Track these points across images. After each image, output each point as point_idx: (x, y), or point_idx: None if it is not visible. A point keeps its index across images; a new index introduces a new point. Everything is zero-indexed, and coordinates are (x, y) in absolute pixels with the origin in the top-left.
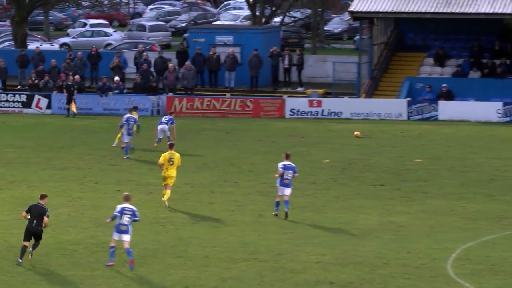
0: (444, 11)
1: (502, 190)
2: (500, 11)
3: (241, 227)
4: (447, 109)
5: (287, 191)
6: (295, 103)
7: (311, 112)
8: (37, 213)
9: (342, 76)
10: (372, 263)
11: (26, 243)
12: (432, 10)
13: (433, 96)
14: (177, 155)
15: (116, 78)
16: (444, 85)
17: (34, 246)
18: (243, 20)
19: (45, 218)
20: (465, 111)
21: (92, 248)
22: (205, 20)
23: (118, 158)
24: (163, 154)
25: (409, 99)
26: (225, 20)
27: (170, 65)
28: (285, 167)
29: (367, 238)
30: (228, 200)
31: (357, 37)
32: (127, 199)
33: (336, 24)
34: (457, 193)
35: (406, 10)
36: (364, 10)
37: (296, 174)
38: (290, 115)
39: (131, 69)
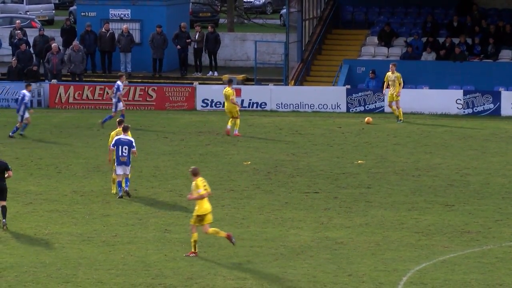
0: None
1: (462, 198)
2: None
3: (142, 245)
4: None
5: (120, 170)
6: (208, 92)
7: None
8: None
9: (266, 59)
10: None
11: (2, 202)
12: None
13: (378, 83)
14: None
15: None
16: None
17: (4, 212)
18: None
19: (10, 172)
20: (418, 101)
21: None
22: None
23: None
24: (111, 134)
25: (348, 86)
26: None
27: (54, 45)
28: (119, 142)
29: (298, 258)
30: (126, 211)
31: (284, 11)
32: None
33: None
34: (407, 202)
35: None
36: None
37: (133, 149)
38: (202, 106)
39: (5, 51)
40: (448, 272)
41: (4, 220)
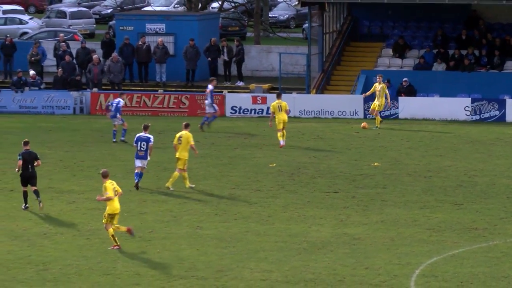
0: None
1: (470, 197)
2: None
3: (176, 241)
4: (408, 106)
5: (138, 163)
6: (237, 100)
7: (254, 109)
8: (30, 158)
9: (289, 69)
10: (325, 281)
11: (25, 189)
12: None
13: (392, 91)
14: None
15: (32, 72)
16: (404, 79)
17: (37, 194)
18: (176, 6)
19: (39, 161)
20: (429, 109)
21: (7, 265)
22: (134, 5)
23: None
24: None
25: (365, 95)
26: (156, 5)
27: (95, 56)
28: (139, 139)
29: (319, 253)
30: (161, 209)
31: (306, 25)
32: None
33: (282, 10)
34: (420, 201)
35: None
36: None
37: (151, 144)
38: (231, 113)
39: (50, 61)
40: (457, 265)
41: (39, 198)
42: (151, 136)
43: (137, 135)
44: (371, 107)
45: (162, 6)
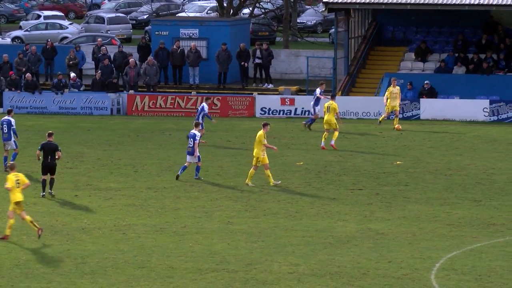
0: (426, 2)
1: (488, 194)
2: (486, 2)
3: (208, 235)
4: (429, 107)
5: (188, 158)
6: (266, 101)
7: (283, 110)
8: (50, 149)
9: (316, 72)
10: (350, 273)
11: (45, 177)
12: (413, 1)
13: (414, 93)
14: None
15: (73, 74)
16: (426, 81)
17: (51, 184)
18: (209, 11)
19: (58, 153)
20: (449, 110)
21: (48, 258)
22: (169, 11)
23: (75, 161)
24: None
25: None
26: (190, 11)
27: (131, 60)
28: (189, 136)
29: (344, 247)
30: (194, 206)
31: (332, 30)
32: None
33: (309, 16)
34: (440, 198)
35: (386, 1)
36: (340, 0)
37: (196, 142)
38: (261, 114)
39: (89, 65)
40: (476, 259)
41: (50, 191)
42: (197, 134)
43: (190, 132)
44: (387, 111)
45: (196, 12)
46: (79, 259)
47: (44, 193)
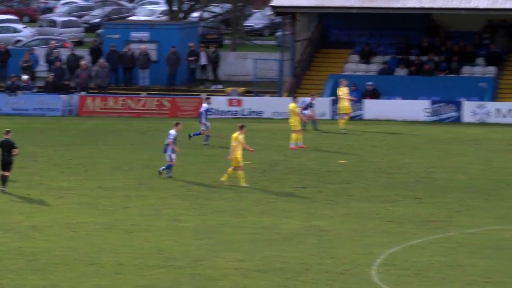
0: (370, 5)
1: (429, 192)
2: (428, 6)
3: (156, 233)
4: (372, 108)
5: (165, 156)
6: (214, 102)
7: (230, 111)
8: (7, 146)
9: (263, 74)
10: (293, 269)
11: (5, 173)
12: (357, 5)
13: (358, 94)
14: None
15: (25, 77)
16: (369, 83)
17: (5, 180)
18: (159, 15)
19: (15, 150)
20: (392, 110)
21: (0, 256)
22: (120, 15)
23: (28, 161)
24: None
25: (333, 97)
26: (140, 15)
27: (83, 62)
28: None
29: (288, 243)
30: (143, 204)
31: (279, 33)
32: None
33: (257, 19)
34: (382, 196)
35: (331, 5)
36: (287, 4)
37: (169, 140)
38: (209, 114)
39: (42, 67)
40: (416, 255)
41: (4, 188)
42: (172, 133)
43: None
44: (345, 111)
45: (147, 16)
46: (30, 256)
47: (4, 188)
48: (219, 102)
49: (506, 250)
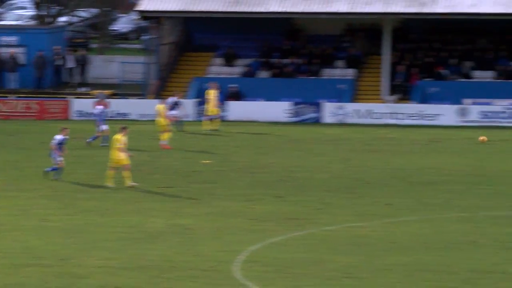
0: (233, 10)
1: (290, 191)
2: (289, 10)
3: (24, 232)
4: (236, 109)
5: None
6: (81, 105)
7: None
8: None
9: (130, 77)
10: (159, 266)
11: None
12: (221, 9)
13: (222, 96)
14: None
15: None
16: (233, 85)
17: None
18: (28, 20)
19: None
20: (254, 111)
21: None
22: None
23: None
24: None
25: (198, 99)
26: (9, 20)
27: None
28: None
29: (154, 242)
30: (12, 204)
31: (145, 37)
32: None
33: (123, 23)
34: (245, 195)
35: (195, 9)
36: (152, 9)
37: (53, 145)
38: (77, 116)
39: None
40: (277, 251)
41: None
42: (57, 138)
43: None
44: (214, 113)
45: (15, 20)
46: None
47: None
48: (87, 104)
49: (365, 246)
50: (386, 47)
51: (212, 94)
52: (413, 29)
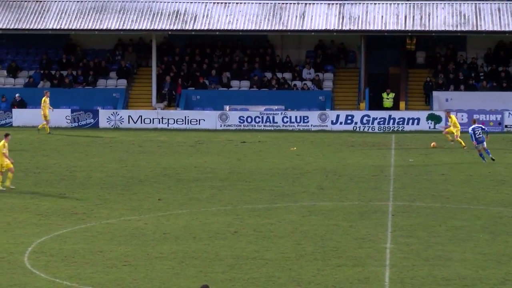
0: (14, 27)
1: (72, 188)
2: (65, 27)
3: None
4: (20, 116)
5: None
6: None
7: None
8: None
9: None
10: None
11: None
12: (3, 27)
13: (7, 105)
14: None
15: None
16: (17, 94)
17: None
18: None
19: None
20: (37, 118)
21: None
22: None
23: None
24: None
25: None
26: None
27: None
28: None
29: None
30: None
31: None
32: None
33: None
34: (31, 192)
35: None
36: None
37: None
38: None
39: None
40: (62, 243)
41: None
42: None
43: None
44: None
45: None
46: None
47: None
48: None
49: (139, 237)
50: (154, 60)
51: (44, 101)
52: (177, 44)
